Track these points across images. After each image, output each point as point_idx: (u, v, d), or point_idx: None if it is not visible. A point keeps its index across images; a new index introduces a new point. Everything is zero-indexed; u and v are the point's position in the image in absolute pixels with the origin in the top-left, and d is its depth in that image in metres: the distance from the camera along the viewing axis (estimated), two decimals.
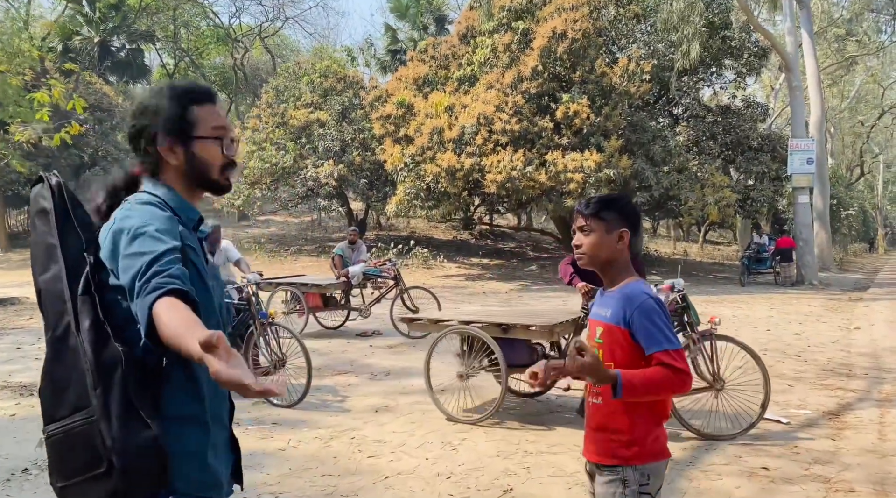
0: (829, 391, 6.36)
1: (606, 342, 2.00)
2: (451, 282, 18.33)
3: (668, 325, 1.91)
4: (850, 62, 38.70)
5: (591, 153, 17.16)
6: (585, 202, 2.06)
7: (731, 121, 22.15)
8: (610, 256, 2.02)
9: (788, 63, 21.47)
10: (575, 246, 2.06)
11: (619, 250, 2.02)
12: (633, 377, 1.84)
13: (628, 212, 2.04)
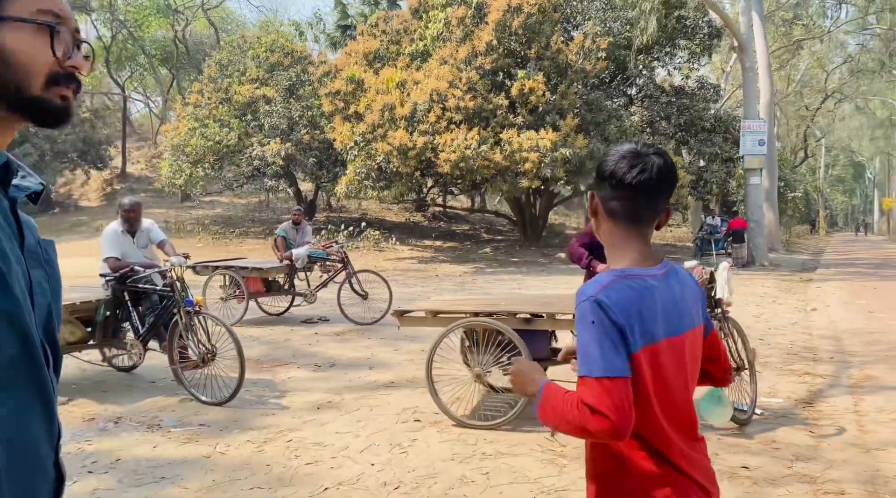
0: (798, 377, 6.08)
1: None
2: (404, 265, 17.80)
3: (596, 338, 1.35)
4: (796, 46, 39.30)
5: (546, 132, 16.78)
6: None
7: (684, 102, 22.08)
8: (601, 238, 1.56)
9: (742, 44, 21.43)
10: None
11: (602, 227, 1.54)
12: (549, 397, 1.43)
13: (598, 172, 1.53)
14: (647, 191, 1.45)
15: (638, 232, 1.49)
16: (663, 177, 1.46)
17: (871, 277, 16.04)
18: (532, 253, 20.99)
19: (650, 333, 1.39)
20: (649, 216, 1.49)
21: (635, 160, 1.44)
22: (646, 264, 1.48)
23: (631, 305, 1.37)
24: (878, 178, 68.04)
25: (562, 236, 27.28)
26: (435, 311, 4.88)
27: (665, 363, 1.42)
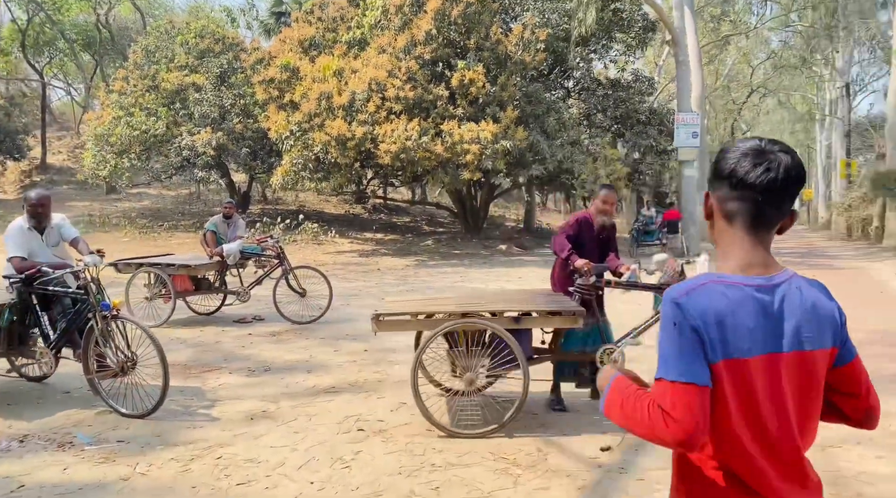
0: None
1: None
2: (344, 258, 17.34)
3: (675, 341, 1.31)
4: (724, 42, 40.43)
5: (487, 124, 16.60)
6: None
7: (620, 94, 22.32)
8: (714, 239, 1.46)
9: (675, 37, 21.79)
10: None
11: (716, 229, 1.44)
12: (618, 392, 1.42)
13: (715, 170, 1.42)
14: (772, 192, 1.33)
15: (755, 236, 1.36)
16: (790, 177, 1.34)
17: (799, 266, 16.57)
18: (474, 245, 20.86)
19: (736, 346, 1.30)
20: (772, 220, 1.37)
21: (759, 158, 1.34)
22: (752, 272, 1.36)
23: (715, 313, 1.30)
24: None
25: (502, 228, 27.29)
26: (417, 313, 4.44)
27: (756, 383, 1.31)
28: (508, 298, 5.12)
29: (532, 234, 26.24)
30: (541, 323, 4.43)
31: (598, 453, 3.92)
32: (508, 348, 4.25)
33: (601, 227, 5.15)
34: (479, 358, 4.31)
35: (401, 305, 4.66)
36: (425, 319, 4.37)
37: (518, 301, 4.84)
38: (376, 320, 4.35)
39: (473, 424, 4.32)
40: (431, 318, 4.39)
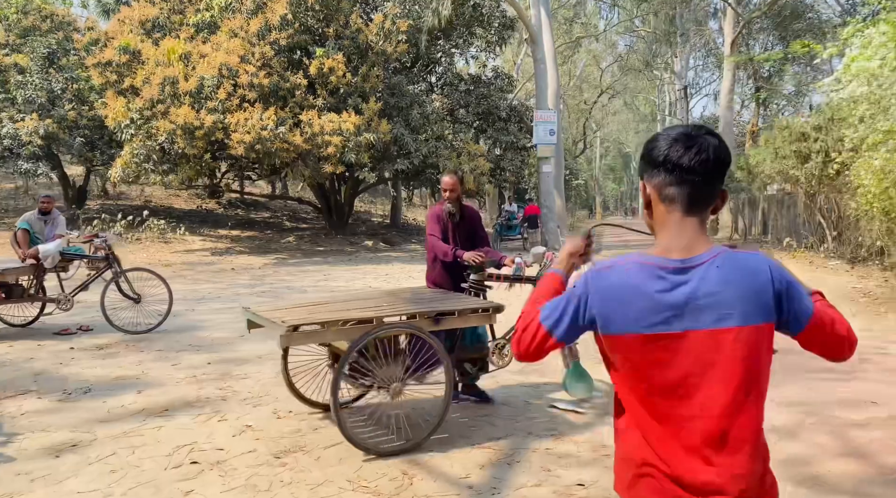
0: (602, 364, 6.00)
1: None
2: (195, 257, 16.04)
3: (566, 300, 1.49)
4: (576, 43, 42.29)
5: (349, 115, 16.00)
6: None
7: (482, 91, 22.49)
8: (648, 220, 1.52)
9: (534, 35, 22.28)
10: None
11: (656, 215, 1.48)
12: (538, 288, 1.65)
13: (645, 151, 1.47)
14: (706, 173, 1.39)
15: (692, 217, 1.41)
16: (719, 157, 1.40)
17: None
18: (338, 241, 20.16)
19: (633, 323, 1.37)
20: (707, 199, 1.42)
21: (690, 142, 1.40)
22: (674, 254, 1.40)
23: (614, 292, 1.40)
24: None
25: (368, 224, 26.72)
26: (335, 321, 3.82)
27: (660, 354, 1.37)
28: (410, 298, 4.71)
29: (399, 230, 25.91)
30: (460, 322, 4.18)
31: (468, 472, 3.56)
32: (426, 352, 4.03)
33: (449, 214, 5.03)
34: (398, 365, 3.97)
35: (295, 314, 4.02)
36: (341, 328, 3.83)
37: (423, 302, 4.47)
38: (289, 334, 3.66)
39: (387, 440, 3.88)
40: (350, 326, 3.87)
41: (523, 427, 4.25)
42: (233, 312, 8.79)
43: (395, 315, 4.01)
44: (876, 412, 4.46)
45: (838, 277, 12.17)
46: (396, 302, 4.45)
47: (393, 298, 4.68)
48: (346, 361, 3.83)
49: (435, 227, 5.02)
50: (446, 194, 4.99)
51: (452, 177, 5.02)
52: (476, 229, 5.19)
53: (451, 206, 5.01)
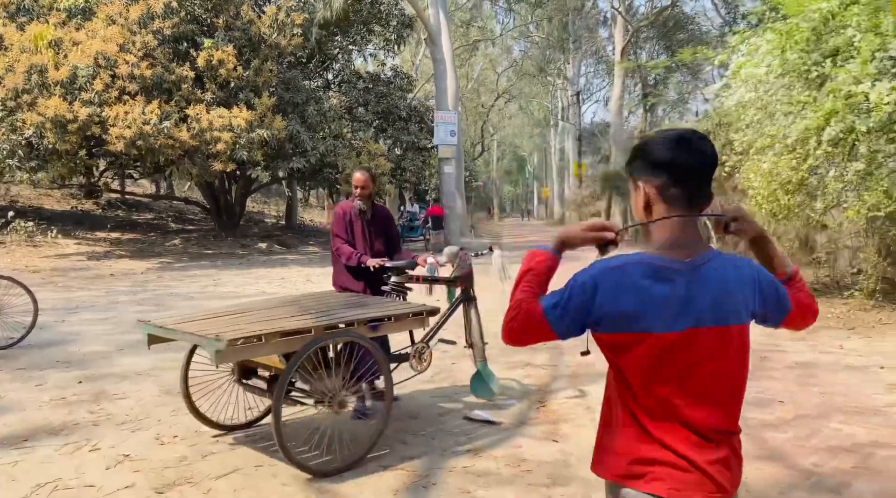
0: (522, 370, 5.84)
1: None
2: (68, 262, 14.66)
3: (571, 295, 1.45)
4: (473, 46, 42.75)
5: (240, 110, 15.17)
6: None
7: (381, 89, 22.11)
8: (640, 216, 1.53)
9: (433, 35, 22.19)
10: None
11: (643, 209, 1.51)
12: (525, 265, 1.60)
13: (644, 152, 1.50)
14: (704, 173, 1.47)
15: (687, 219, 1.48)
16: (714, 159, 1.48)
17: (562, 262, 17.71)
18: (229, 244, 19.13)
19: (639, 322, 1.41)
20: (703, 198, 1.48)
21: (690, 145, 1.45)
22: (676, 254, 1.45)
23: (622, 291, 1.42)
24: (536, 170, 78.65)
25: (261, 225, 25.65)
26: (275, 332, 3.37)
27: (666, 351, 1.42)
28: (339, 304, 4.31)
29: (295, 231, 25.02)
30: (395, 328, 4.01)
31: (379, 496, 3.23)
32: (364, 361, 3.84)
33: (360, 212, 4.78)
34: (338, 377, 3.67)
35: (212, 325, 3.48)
36: (281, 340, 3.41)
37: (352, 307, 4.11)
38: (228, 350, 3.16)
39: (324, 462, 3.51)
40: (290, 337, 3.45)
41: (439, 444, 3.96)
42: (110, 322, 7.97)
43: (335, 322, 3.70)
44: (784, 412, 4.52)
45: None
46: (324, 308, 4.06)
47: (316, 303, 4.29)
48: (290, 375, 3.45)
49: (341, 227, 4.75)
50: (357, 191, 4.75)
51: (364, 173, 4.80)
52: (388, 228, 4.97)
53: (361, 204, 4.76)
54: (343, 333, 3.70)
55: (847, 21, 7.71)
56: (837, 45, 7.88)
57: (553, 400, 4.93)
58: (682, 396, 1.43)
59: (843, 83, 7.08)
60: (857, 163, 7.32)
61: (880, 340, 6.61)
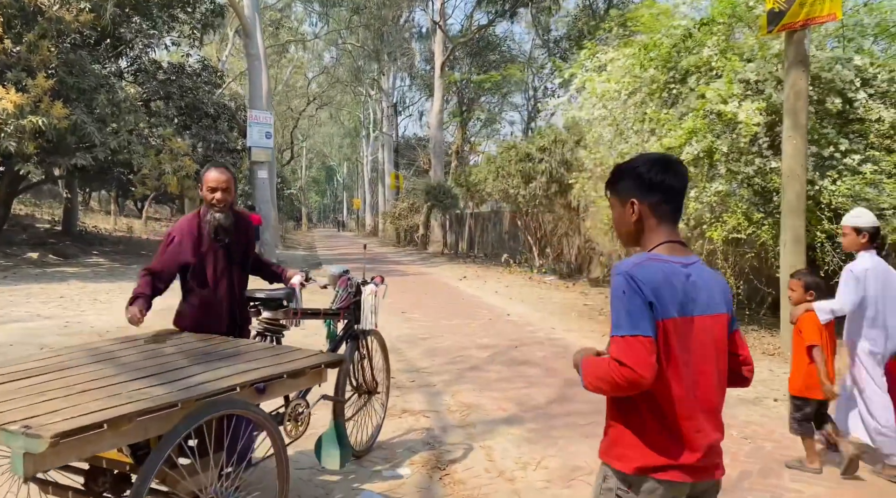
0: (399, 418, 4.79)
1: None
2: None
3: (625, 305, 1.62)
4: (283, 48, 40.85)
5: (7, 91, 12.35)
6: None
7: (186, 82, 19.74)
8: (631, 230, 1.78)
9: (247, 27, 20.30)
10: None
11: (634, 223, 1.76)
12: (589, 364, 1.69)
13: (639, 174, 1.74)
14: (684, 191, 1.77)
15: (674, 229, 1.76)
16: (688, 180, 1.81)
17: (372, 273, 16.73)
18: None
19: (669, 308, 1.63)
20: (681, 212, 1.79)
21: (674, 168, 1.74)
22: (674, 254, 1.72)
23: (656, 282, 1.63)
24: (346, 181, 77.66)
25: (31, 231, 21.64)
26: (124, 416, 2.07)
27: (683, 337, 1.65)
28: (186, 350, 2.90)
29: (74, 239, 21.42)
30: (289, 387, 2.88)
31: None
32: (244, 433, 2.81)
33: (217, 228, 3.30)
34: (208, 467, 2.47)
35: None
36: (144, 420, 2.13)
37: (209, 359, 2.82)
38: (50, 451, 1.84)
39: None
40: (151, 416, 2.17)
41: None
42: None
43: (212, 390, 2.41)
44: None
45: (563, 293, 12.72)
46: (179, 363, 2.70)
47: (159, 353, 2.88)
48: (151, 476, 2.19)
49: (173, 253, 3.26)
50: (214, 198, 3.27)
51: (225, 173, 3.32)
52: (250, 244, 3.59)
53: (222, 218, 3.28)
54: (224, 405, 2.44)
55: (704, 41, 7.74)
56: (692, 63, 7.91)
57: (455, 464, 3.95)
58: (694, 380, 1.65)
59: (711, 102, 7.00)
60: (716, 183, 7.30)
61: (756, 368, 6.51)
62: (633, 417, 1.65)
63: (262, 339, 3.49)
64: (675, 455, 1.60)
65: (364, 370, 4.00)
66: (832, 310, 3.79)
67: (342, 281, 3.86)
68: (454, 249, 26.34)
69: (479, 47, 31.74)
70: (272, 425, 2.69)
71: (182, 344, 3.12)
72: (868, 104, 6.98)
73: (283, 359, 2.90)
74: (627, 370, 1.53)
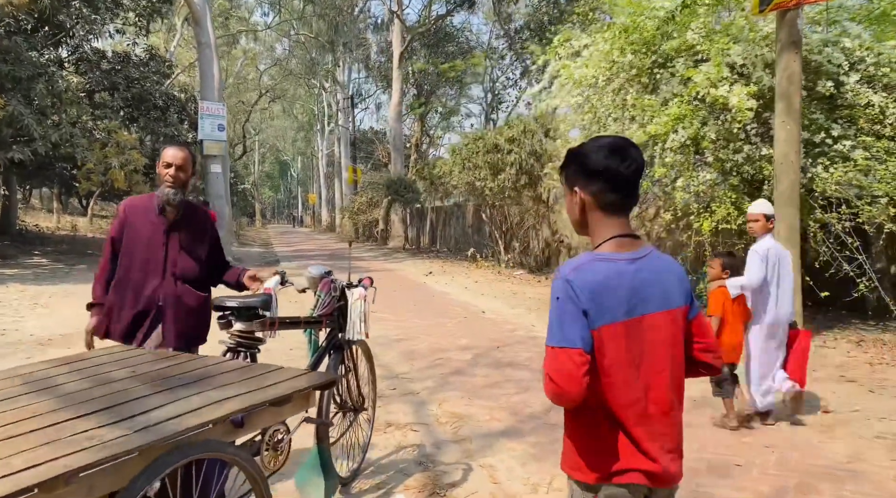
0: (389, 435, 4.31)
1: None
2: None
3: (557, 313, 1.54)
4: (233, 39, 39.67)
5: None
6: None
7: (132, 72, 18.74)
8: (579, 219, 1.69)
9: (197, 15, 19.35)
10: None
11: (580, 212, 1.67)
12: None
13: (583, 160, 1.63)
14: (636, 180, 1.62)
15: (623, 220, 1.64)
16: (642, 165, 1.63)
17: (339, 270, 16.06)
18: None
19: (612, 312, 1.53)
20: (633, 202, 1.66)
21: (624, 153, 1.59)
22: (623, 249, 1.60)
23: (596, 285, 1.53)
24: (300, 176, 76.19)
25: None
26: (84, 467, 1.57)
27: (631, 339, 1.56)
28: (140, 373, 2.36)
29: (13, 239, 20.15)
30: (273, 417, 2.33)
31: None
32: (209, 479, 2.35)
33: (167, 204, 3.04)
34: None
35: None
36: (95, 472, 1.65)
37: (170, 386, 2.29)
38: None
39: None
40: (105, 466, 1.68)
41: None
42: None
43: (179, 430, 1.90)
44: (751, 481, 3.62)
45: (535, 288, 12.36)
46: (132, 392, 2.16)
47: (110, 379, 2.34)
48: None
49: (117, 233, 3.06)
50: (169, 174, 3.01)
51: (183, 150, 3.09)
52: (205, 239, 3.21)
53: (171, 194, 3.01)
54: (195, 448, 1.92)
55: (687, 23, 7.41)
56: (674, 47, 7.58)
57: (456, 488, 3.48)
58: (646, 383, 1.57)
59: (701, 86, 6.67)
60: (705, 172, 6.99)
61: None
62: (590, 426, 1.60)
63: (233, 356, 2.96)
64: (632, 461, 1.56)
65: (350, 385, 3.52)
66: (742, 285, 4.33)
67: (324, 284, 3.35)
68: (416, 244, 25.82)
69: (436, 38, 31.19)
70: (249, 464, 2.18)
71: (137, 365, 2.57)
72: (857, 89, 6.76)
73: (263, 382, 2.38)
74: (553, 385, 1.49)
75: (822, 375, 5.53)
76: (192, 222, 3.12)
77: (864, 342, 6.45)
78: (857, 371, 5.54)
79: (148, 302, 2.99)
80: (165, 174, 3.00)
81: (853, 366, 5.71)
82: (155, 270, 3.01)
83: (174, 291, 3.01)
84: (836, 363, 5.83)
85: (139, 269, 3.00)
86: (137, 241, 3.02)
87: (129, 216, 3.06)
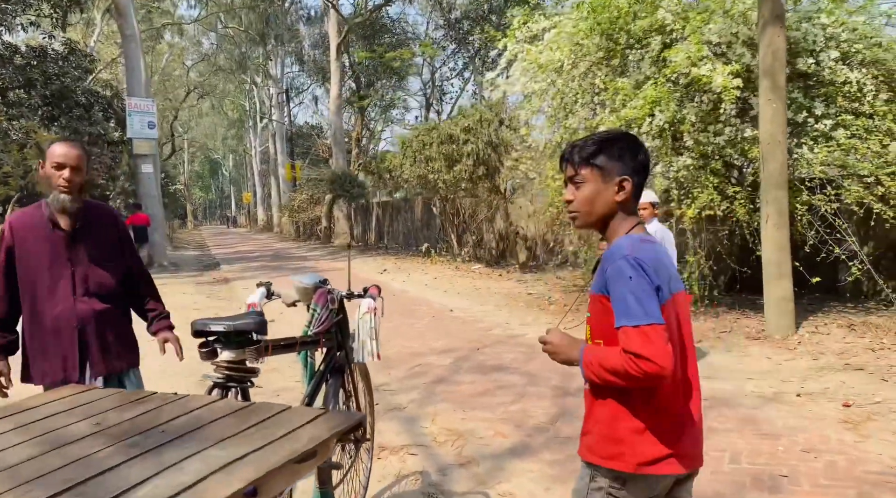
0: (385, 462, 3.79)
1: (593, 315, 1.65)
2: None
3: (636, 290, 1.49)
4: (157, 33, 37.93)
5: None
6: (573, 146, 1.66)
7: (50, 68, 17.37)
8: (607, 211, 1.64)
9: (120, 6, 18.18)
10: (566, 201, 1.70)
11: (618, 203, 1.63)
12: (592, 356, 1.57)
13: (632, 152, 1.63)
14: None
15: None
16: None
17: (281, 271, 15.30)
18: None
19: (666, 288, 1.55)
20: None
21: (643, 145, 1.67)
22: (642, 232, 1.65)
23: (656, 264, 1.54)
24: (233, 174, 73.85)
25: None
26: None
27: (671, 317, 1.56)
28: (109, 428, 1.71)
29: None
30: (292, 477, 1.69)
31: None
32: None
33: (61, 214, 2.56)
34: None
35: None
36: None
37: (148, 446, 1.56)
38: None
39: None
40: None
41: None
42: None
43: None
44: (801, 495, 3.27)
45: (498, 282, 11.97)
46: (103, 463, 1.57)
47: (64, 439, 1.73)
48: None
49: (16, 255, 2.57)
50: (62, 177, 2.54)
51: (77, 147, 2.63)
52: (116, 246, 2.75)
53: (66, 200, 2.54)
54: None
55: (658, 2, 7.11)
56: (644, 27, 7.27)
57: None
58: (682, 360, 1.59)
59: (681, 66, 6.36)
60: (684, 157, 6.71)
61: (740, 355, 5.93)
62: (624, 412, 1.56)
63: (222, 393, 2.38)
64: (672, 445, 1.55)
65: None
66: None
67: (319, 295, 2.80)
68: (362, 241, 25.13)
69: (373, 30, 30.42)
70: None
71: (99, 413, 1.98)
72: (834, 66, 6.60)
73: (275, 430, 1.83)
74: (646, 363, 1.43)
75: (826, 363, 5.31)
76: (96, 228, 2.66)
77: (855, 326, 6.29)
78: (860, 358, 5.34)
79: (67, 331, 2.52)
80: (58, 177, 2.52)
81: (854, 352, 5.52)
82: (64, 292, 2.53)
83: (91, 313, 2.56)
84: (835, 350, 5.62)
85: (46, 296, 2.52)
86: (37, 265, 2.53)
87: (20, 237, 2.54)
